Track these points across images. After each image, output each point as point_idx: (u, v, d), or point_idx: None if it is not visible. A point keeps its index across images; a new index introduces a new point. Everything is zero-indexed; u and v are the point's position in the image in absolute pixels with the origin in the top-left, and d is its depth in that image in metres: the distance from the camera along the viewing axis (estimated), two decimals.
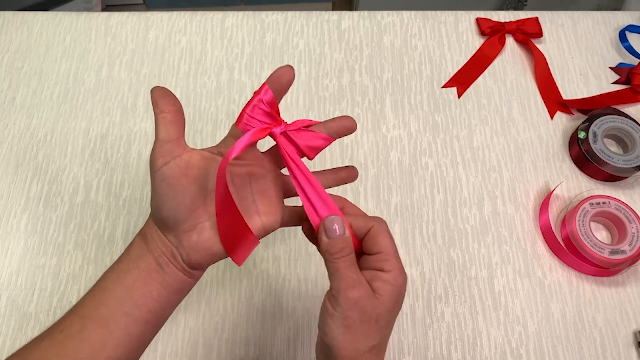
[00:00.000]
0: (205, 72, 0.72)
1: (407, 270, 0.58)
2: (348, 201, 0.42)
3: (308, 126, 0.42)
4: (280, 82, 0.41)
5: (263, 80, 0.71)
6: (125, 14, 0.77)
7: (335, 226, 0.38)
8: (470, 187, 0.64)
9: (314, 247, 0.60)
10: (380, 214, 0.62)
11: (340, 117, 0.43)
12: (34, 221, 0.62)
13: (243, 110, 0.41)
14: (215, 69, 0.72)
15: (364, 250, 0.39)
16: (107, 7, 1.67)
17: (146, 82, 0.71)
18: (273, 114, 0.40)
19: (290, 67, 0.41)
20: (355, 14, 0.77)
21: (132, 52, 0.74)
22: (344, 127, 0.42)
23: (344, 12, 0.78)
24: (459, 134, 0.68)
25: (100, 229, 0.61)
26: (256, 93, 0.40)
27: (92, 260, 0.59)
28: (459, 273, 0.59)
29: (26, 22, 0.76)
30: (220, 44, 0.74)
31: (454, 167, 0.66)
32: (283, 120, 0.41)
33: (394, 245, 0.39)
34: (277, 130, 0.40)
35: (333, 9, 1.83)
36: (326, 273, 0.58)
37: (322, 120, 0.42)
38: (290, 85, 0.41)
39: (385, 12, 0.77)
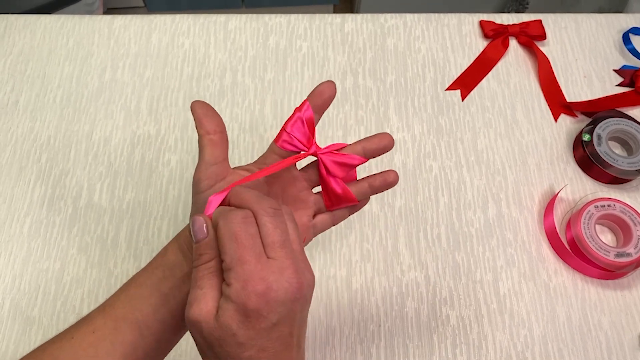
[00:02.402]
0: (208, 75, 0.72)
1: (411, 273, 0.59)
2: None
3: (341, 148, 0.41)
4: (322, 98, 0.40)
5: (266, 84, 0.71)
6: (129, 17, 0.77)
7: (200, 227, 0.33)
8: (474, 190, 0.64)
9: (318, 250, 0.60)
10: (384, 217, 0.62)
11: (378, 136, 0.40)
12: (37, 225, 0.61)
13: (283, 127, 0.40)
14: (218, 72, 0.72)
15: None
16: (109, 10, 1.67)
17: (149, 85, 0.71)
18: (308, 134, 0.40)
19: (332, 83, 0.39)
20: (358, 16, 0.77)
21: (135, 55, 0.73)
22: (382, 148, 0.41)
23: (347, 15, 0.78)
24: (463, 136, 0.68)
25: (104, 233, 0.61)
26: (297, 110, 0.40)
27: (96, 264, 0.59)
28: (464, 276, 0.59)
29: (29, 25, 0.76)
30: (223, 47, 0.74)
31: (458, 169, 0.65)
32: (315, 144, 0.41)
33: (241, 248, 0.31)
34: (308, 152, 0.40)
35: (334, 12, 1.83)
36: (328, 277, 0.58)
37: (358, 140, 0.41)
38: (331, 101, 0.40)
39: (388, 15, 0.77)
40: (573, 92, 0.71)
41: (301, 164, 0.42)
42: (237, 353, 0.30)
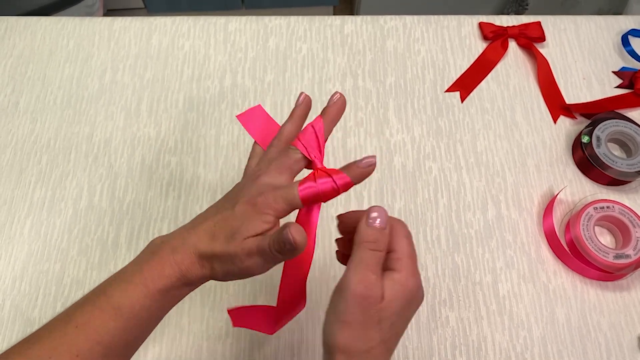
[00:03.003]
0: (208, 76, 0.72)
1: None
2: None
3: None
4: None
5: (266, 85, 0.71)
6: (129, 18, 0.77)
7: (378, 218, 0.37)
8: (474, 192, 0.64)
9: (318, 252, 0.60)
10: None
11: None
12: (38, 226, 0.62)
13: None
14: (218, 74, 0.72)
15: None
16: (109, 12, 1.67)
17: (149, 87, 0.71)
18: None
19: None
20: (358, 18, 0.78)
21: (135, 57, 0.74)
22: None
23: (346, 16, 0.78)
24: (462, 138, 0.68)
25: (104, 234, 0.61)
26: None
27: (96, 265, 0.59)
28: (463, 278, 0.59)
29: (29, 27, 0.76)
30: (223, 49, 0.75)
31: (457, 171, 0.66)
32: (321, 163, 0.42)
33: (412, 249, 0.38)
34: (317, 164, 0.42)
35: (334, 14, 1.83)
36: (328, 279, 0.58)
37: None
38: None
39: (388, 17, 0.78)
40: (572, 94, 0.72)
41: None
42: (393, 333, 0.36)
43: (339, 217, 0.42)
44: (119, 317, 0.37)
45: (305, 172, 0.42)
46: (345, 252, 0.43)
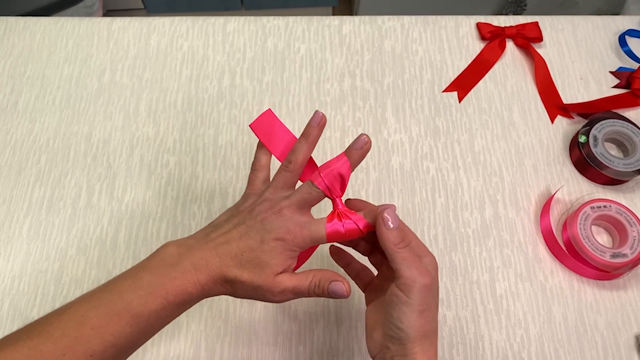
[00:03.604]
0: (207, 77, 0.72)
1: None
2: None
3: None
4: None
5: (264, 86, 0.71)
6: (128, 19, 0.77)
7: (389, 220, 0.40)
8: (471, 191, 0.65)
9: (317, 251, 0.60)
10: None
11: (356, 145, 0.43)
12: (37, 226, 0.62)
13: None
14: (217, 74, 0.73)
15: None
16: (108, 12, 1.68)
17: (148, 87, 0.71)
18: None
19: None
20: (356, 18, 0.78)
21: (134, 57, 0.74)
22: (363, 154, 0.44)
23: (345, 17, 0.78)
24: (460, 138, 0.68)
25: (103, 234, 0.61)
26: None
27: (95, 265, 0.59)
28: (461, 277, 0.59)
29: (29, 27, 0.76)
30: (222, 49, 0.75)
31: (455, 171, 0.66)
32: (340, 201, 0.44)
33: (417, 238, 0.43)
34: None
35: (333, 14, 1.83)
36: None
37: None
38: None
39: (386, 17, 0.78)
40: (569, 94, 0.72)
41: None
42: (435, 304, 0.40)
43: (334, 253, 0.49)
44: (135, 325, 0.39)
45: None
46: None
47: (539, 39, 0.75)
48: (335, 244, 0.48)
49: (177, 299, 0.40)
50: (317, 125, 0.44)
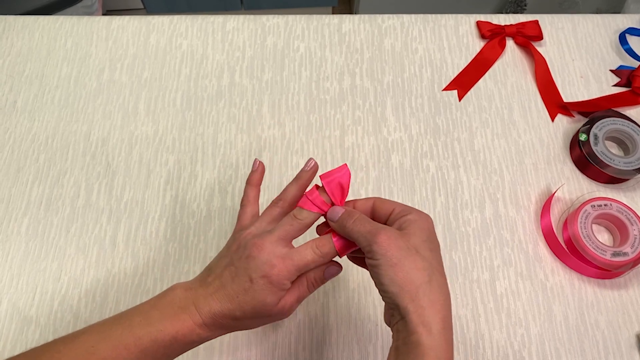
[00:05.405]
0: (206, 75, 0.72)
1: None
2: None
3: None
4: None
5: (264, 84, 0.71)
6: (127, 17, 0.77)
7: (335, 211, 0.43)
8: (471, 190, 0.64)
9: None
10: None
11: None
12: (35, 225, 0.61)
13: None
14: (216, 73, 0.72)
15: (380, 219, 0.43)
16: (108, 13, 1.68)
17: (147, 86, 0.71)
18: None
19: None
20: (355, 17, 0.78)
21: (133, 56, 0.74)
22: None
23: (344, 15, 0.78)
24: (460, 136, 0.68)
25: (102, 233, 0.61)
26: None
27: (93, 264, 0.59)
28: (461, 275, 0.59)
29: (27, 26, 0.76)
30: (221, 48, 0.75)
31: (455, 169, 0.66)
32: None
33: (401, 203, 0.43)
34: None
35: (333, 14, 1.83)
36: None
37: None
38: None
39: (385, 16, 0.78)
40: (570, 92, 0.72)
41: None
42: (435, 260, 0.40)
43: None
44: (142, 358, 0.40)
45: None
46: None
47: (539, 37, 0.75)
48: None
49: (185, 339, 0.41)
50: (309, 169, 0.47)
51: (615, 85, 0.72)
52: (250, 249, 0.42)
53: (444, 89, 0.72)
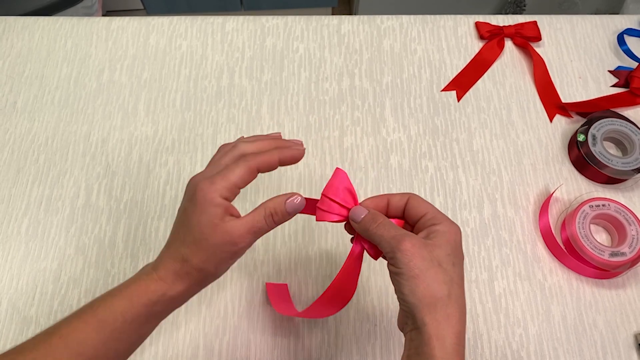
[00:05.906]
0: (205, 76, 0.72)
1: None
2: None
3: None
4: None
5: (263, 85, 0.72)
6: (126, 18, 0.78)
7: (358, 212, 0.42)
8: (470, 190, 0.65)
9: (314, 249, 0.60)
10: None
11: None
12: (35, 225, 0.62)
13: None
14: (215, 73, 0.73)
15: (411, 219, 0.42)
16: (108, 13, 1.68)
17: (147, 87, 0.71)
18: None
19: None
20: (354, 18, 0.78)
21: (132, 57, 0.74)
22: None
23: (343, 16, 0.78)
24: (458, 137, 0.68)
25: (101, 233, 0.61)
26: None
27: (93, 264, 0.59)
28: None
29: (27, 27, 0.76)
30: (220, 49, 0.75)
31: (453, 170, 0.66)
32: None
33: (435, 207, 0.42)
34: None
35: (332, 15, 1.83)
36: (324, 276, 0.59)
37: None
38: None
39: (384, 17, 0.78)
40: (568, 93, 0.72)
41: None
42: (456, 274, 0.39)
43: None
44: (102, 330, 0.39)
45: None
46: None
47: (538, 38, 0.75)
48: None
49: (141, 299, 0.40)
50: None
51: (613, 86, 0.72)
52: (188, 188, 0.41)
53: (443, 90, 0.72)
